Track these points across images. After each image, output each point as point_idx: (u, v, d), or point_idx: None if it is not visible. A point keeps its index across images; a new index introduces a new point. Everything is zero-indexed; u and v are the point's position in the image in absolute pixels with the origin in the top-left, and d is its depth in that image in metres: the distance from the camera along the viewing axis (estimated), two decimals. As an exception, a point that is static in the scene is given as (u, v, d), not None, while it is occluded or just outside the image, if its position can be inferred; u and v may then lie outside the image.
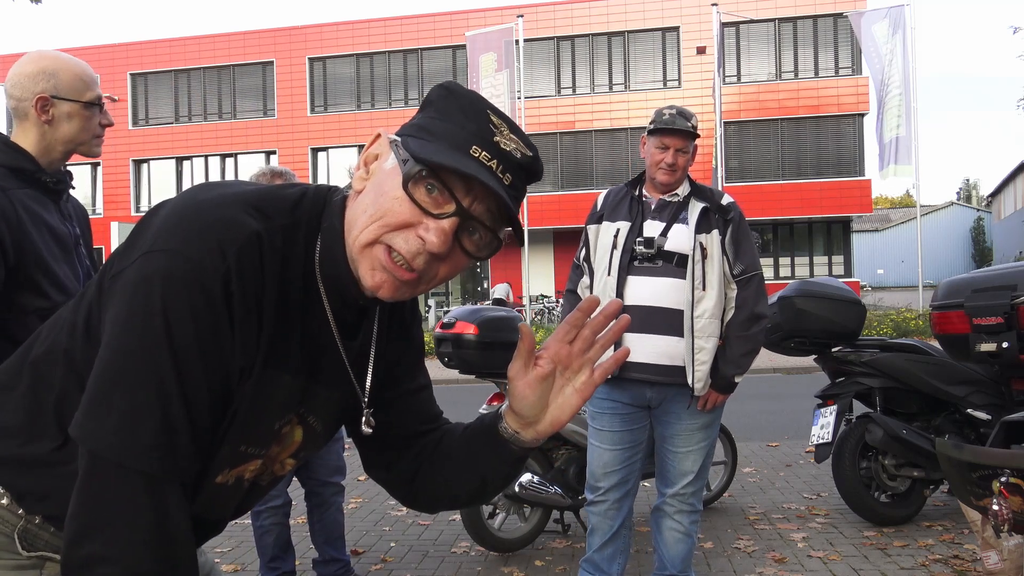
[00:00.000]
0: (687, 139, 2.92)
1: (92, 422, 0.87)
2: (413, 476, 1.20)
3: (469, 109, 0.96)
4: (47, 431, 0.99)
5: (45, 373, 1.00)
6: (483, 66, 17.13)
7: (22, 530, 1.02)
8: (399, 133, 0.98)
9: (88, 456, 0.87)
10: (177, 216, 0.91)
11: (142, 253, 0.89)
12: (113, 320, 0.89)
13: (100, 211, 28.38)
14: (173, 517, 0.89)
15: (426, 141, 0.94)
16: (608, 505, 3.01)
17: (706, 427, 2.95)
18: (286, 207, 0.98)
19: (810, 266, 25.73)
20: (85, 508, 0.86)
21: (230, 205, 0.93)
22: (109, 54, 28.48)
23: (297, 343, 0.99)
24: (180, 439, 0.88)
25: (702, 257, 2.87)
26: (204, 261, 0.88)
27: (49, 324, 1.05)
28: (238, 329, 0.91)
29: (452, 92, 0.99)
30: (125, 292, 0.89)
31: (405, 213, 0.92)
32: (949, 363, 4.21)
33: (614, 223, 2.98)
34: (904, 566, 3.55)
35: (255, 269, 0.91)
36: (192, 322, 0.87)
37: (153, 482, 0.87)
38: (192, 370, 0.88)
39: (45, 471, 1.00)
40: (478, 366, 3.86)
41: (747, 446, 6.14)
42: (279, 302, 0.95)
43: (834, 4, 24.38)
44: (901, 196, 69.09)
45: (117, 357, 0.87)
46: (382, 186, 0.94)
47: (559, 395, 1.04)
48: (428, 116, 0.98)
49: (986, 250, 44.24)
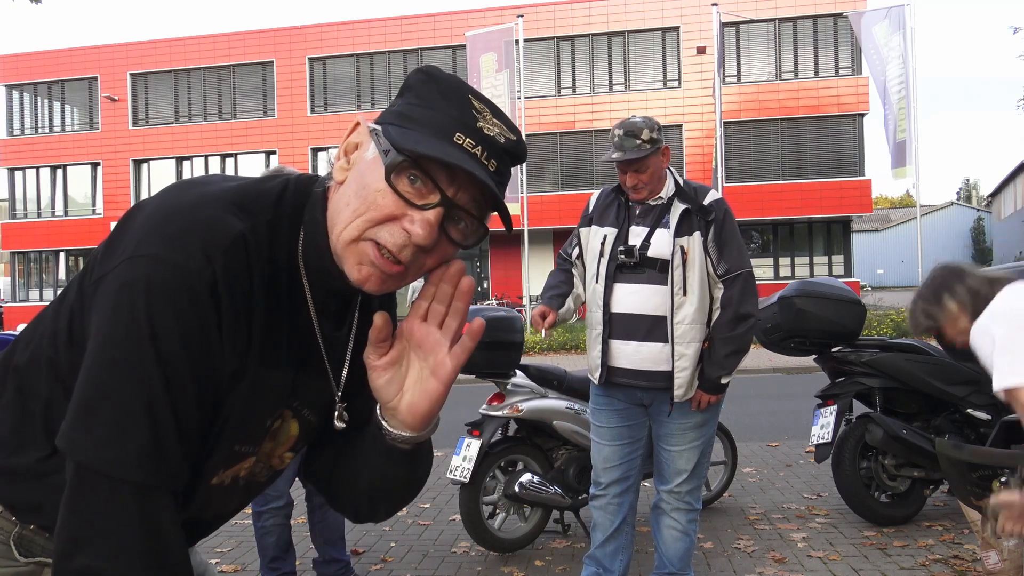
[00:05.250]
0: (641, 160, 2.87)
1: (78, 433, 0.85)
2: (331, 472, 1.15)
3: (450, 94, 0.93)
4: (34, 441, 0.97)
5: (29, 382, 0.98)
6: (483, 66, 17.12)
7: (17, 536, 1.01)
8: (379, 121, 0.95)
9: (75, 467, 0.85)
10: (159, 219, 0.89)
11: (125, 258, 0.87)
12: (97, 327, 0.87)
13: (100, 211, 28.38)
14: (164, 526, 0.87)
15: (407, 129, 0.91)
16: (608, 499, 3.05)
17: (699, 426, 2.95)
18: (268, 202, 0.96)
19: (810, 266, 25.72)
20: (74, 520, 0.85)
21: (212, 205, 0.91)
22: (109, 54, 28.47)
23: (285, 338, 0.98)
24: (169, 448, 0.87)
25: (682, 261, 2.85)
26: (189, 266, 0.86)
27: (29, 329, 1.03)
28: (227, 333, 0.90)
29: (432, 76, 0.96)
30: (108, 298, 0.87)
31: (389, 206, 0.90)
32: (949, 363, 4.21)
33: (602, 228, 2.99)
34: (904, 566, 3.55)
35: (242, 271, 0.90)
36: (178, 329, 0.86)
37: (142, 492, 0.85)
38: (179, 377, 0.87)
39: (35, 482, 0.98)
40: (478, 366, 3.86)
41: (747, 446, 6.14)
42: (267, 300, 0.94)
43: (834, 4, 24.36)
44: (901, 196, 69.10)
45: (102, 366, 0.85)
46: (364, 178, 0.92)
47: (417, 379, 0.96)
48: (408, 102, 0.95)
49: (986, 250, 44.22)
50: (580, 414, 3.91)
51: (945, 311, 2.46)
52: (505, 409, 3.82)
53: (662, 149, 2.91)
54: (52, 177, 29.21)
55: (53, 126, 29.38)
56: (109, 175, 28.38)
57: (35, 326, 1.02)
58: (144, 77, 28.49)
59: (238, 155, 27.85)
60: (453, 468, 3.76)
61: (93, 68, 28.61)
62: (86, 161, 28.66)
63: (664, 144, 2.92)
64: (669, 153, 2.95)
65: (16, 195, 29.61)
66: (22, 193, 29.61)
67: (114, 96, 28.09)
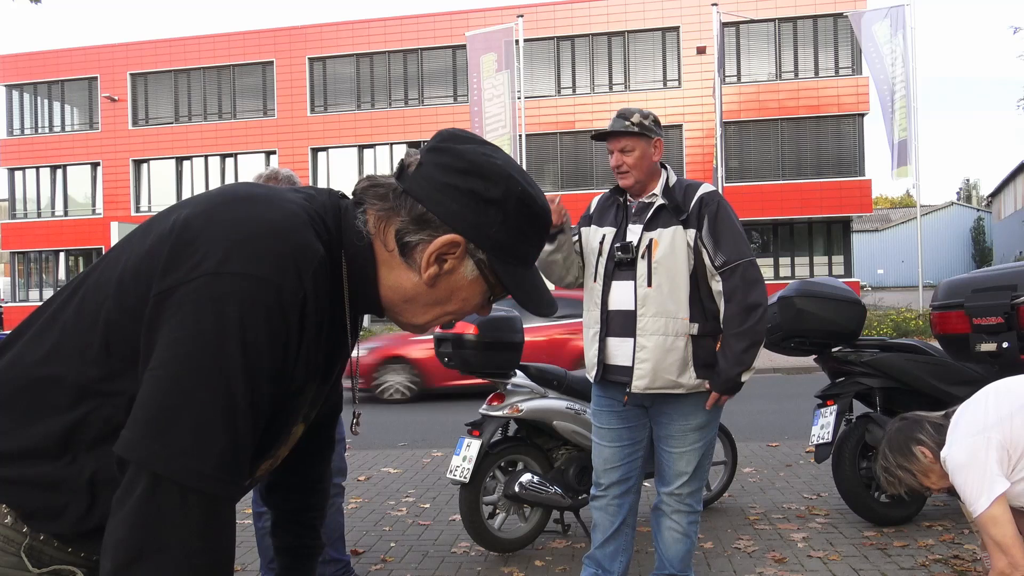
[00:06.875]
0: (627, 138, 2.88)
1: (155, 443, 0.84)
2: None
3: (539, 225, 1.05)
4: (52, 451, 0.96)
5: (46, 396, 0.96)
6: (483, 66, 17.13)
7: (28, 547, 0.99)
8: (479, 244, 1.02)
9: (147, 477, 0.84)
10: (249, 236, 0.91)
11: (207, 272, 0.87)
12: (176, 340, 0.86)
13: (100, 211, 28.38)
14: (225, 537, 0.89)
15: (510, 265, 1.04)
16: (609, 500, 3.04)
17: (701, 428, 2.92)
18: (324, 223, 1.00)
19: (810, 266, 25.72)
20: (139, 532, 0.84)
21: (301, 227, 0.95)
22: (109, 54, 28.48)
23: (323, 351, 1.03)
24: (243, 460, 0.89)
25: (648, 254, 2.82)
26: (285, 287, 0.89)
27: (28, 344, 1.00)
28: (304, 351, 0.94)
29: (524, 203, 1.02)
30: (190, 311, 0.86)
31: (475, 308, 1.09)
32: (949, 363, 4.21)
33: (601, 228, 2.99)
34: (904, 566, 3.55)
35: (324, 291, 0.95)
36: (269, 347, 0.88)
37: (214, 503, 0.86)
38: (262, 393, 0.89)
39: (51, 491, 0.97)
40: (478, 366, 3.86)
41: (747, 446, 6.14)
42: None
43: (834, 4, 24.38)
44: (901, 196, 69.11)
45: (184, 377, 0.85)
46: (461, 292, 1.05)
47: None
48: (506, 227, 1.01)
49: (986, 250, 44.23)
50: (580, 414, 3.91)
51: (920, 461, 2.52)
52: (505, 409, 3.82)
53: (653, 140, 2.89)
54: (52, 177, 29.21)
55: (53, 126, 29.38)
56: (109, 175, 28.39)
57: (40, 336, 0.99)
58: (144, 77, 28.50)
59: (238, 155, 27.86)
60: (453, 468, 3.76)
61: (93, 68, 28.61)
62: (86, 161, 28.67)
63: (657, 137, 2.91)
64: (661, 146, 2.92)
65: (16, 195, 29.62)
66: (22, 193, 29.62)
67: (114, 96, 28.09)
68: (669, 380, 2.81)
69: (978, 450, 2.30)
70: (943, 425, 2.51)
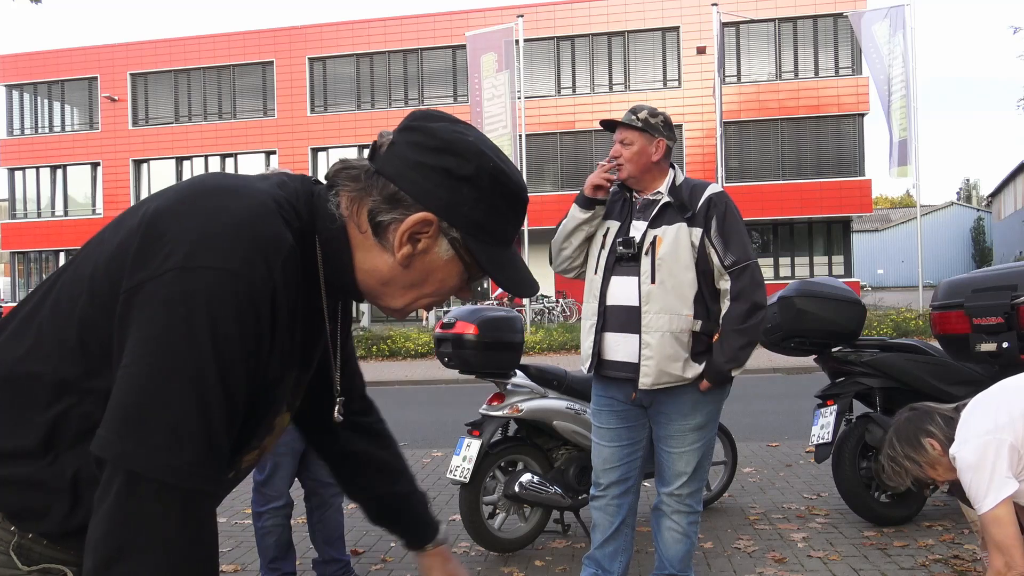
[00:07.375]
0: (629, 131, 2.91)
1: (129, 441, 0.84)
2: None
3: (515, 202, 1.04)
4: (34, 450, 0.95)
5: (26, 393, 0.96)
6: (483, 66, 17.11)
7: (16, 546, 0.98)
8: (452, 222, 1.00)
9: (123, 476, 0.84)
10: (217, 229, 0.89)
11: (174, 267, 0.86)
12: (147, 336, 0.86)
13: (100, 211, 28.39)
14: (206, 532, 0.89)
15: (486, 244, 1.02)
16: (608, 500, 3.04)
17: (700, 428, 2.92)
18: (295, 210, 0.99)
19: (810, 266, 25.73)
20: (118, 530, 0.83)
21: (269, 216, 0.94)
22: (109, 54, 28.48)
23: (299, 339, 1.02)
24: (221, 454, 0.88)
25: (652, 251, 2.83)
26: (255, 279, 0.88)
27: (6, 342, 0.99)
28: (277, 341, 0.94)
29: (497, 180, 1.01)
30: (159, 307, 0.86)
31: (453, 290, 1.07)
32: (949, 363, 4.20)
33: (606, 221, 3.01)
34: (904, 566, 3.55)
35: (295, 281, 0.94)
36: (240, 340, 0.87)
37: (193, 498, 0.86)
38: (236, 386, 0.88)
39: (36, 490, 0.96)
40: (478, 366, 3.86)
41: (747, 446, 6.14)
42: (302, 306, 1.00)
43: (834, 4, 24.38)
44: (901, 196, 69.12)
45: (155, 374, 0.85)
46: (436, 272, 1.04)
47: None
48: (480, 205, 1.00)
49: (986, 250, 44.22)
50: (580, 414, 3.91)
51: (928, 453, 2.51)
52: (505, 409, 3.82)
53: (655, 140, 2.90)
54: (52, 177, 29.22)
55: (53, 126, 29.39)
56: (109, 175, 28.39)
57: (18, 334, 0.99)
58: (144, 77, 28.50)
59: (238, 155, 27.87)
60: (453, 468, 3.76)
61: (93, 68, 28.61)
62: (86, 161, 28.67)
63: (661, 137, 2.91)
64: (663, 146, 2.92)
65: (16, 195, 29.62)
66: (22, 193, 29.62)
67: (114, 96, 28.09)
68: (675, 375, 2.83)
69: (988, 451, 2.30)
70: (953, 419, 2.50)
